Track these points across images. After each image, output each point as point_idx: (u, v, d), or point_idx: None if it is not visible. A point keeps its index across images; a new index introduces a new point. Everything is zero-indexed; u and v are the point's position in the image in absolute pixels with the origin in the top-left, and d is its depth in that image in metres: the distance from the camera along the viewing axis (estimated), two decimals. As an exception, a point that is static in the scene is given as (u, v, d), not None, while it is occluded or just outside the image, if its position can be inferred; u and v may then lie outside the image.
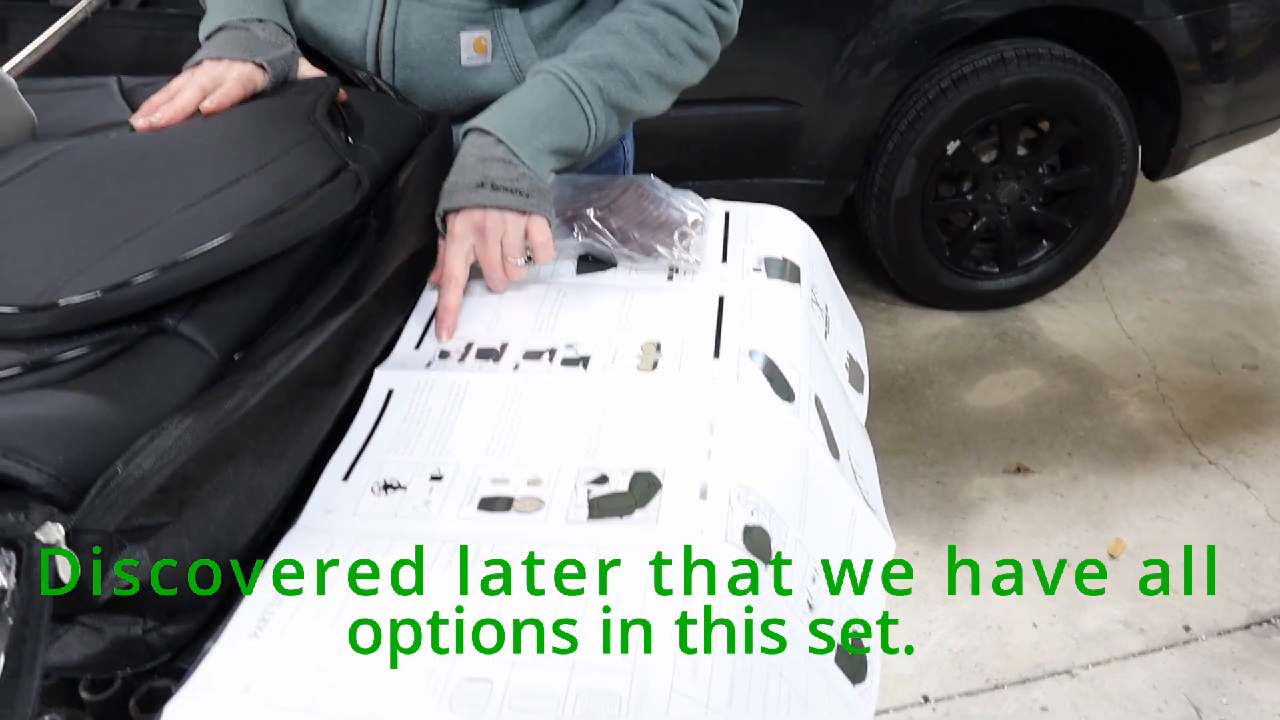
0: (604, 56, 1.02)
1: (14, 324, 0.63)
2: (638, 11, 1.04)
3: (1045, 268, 2.92)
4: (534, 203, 0.94)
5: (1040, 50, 2.62)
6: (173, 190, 0.75)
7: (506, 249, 0.92)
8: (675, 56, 1.05)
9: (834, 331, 1.00)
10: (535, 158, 0.97)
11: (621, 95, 1.03)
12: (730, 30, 1.10)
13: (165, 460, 0.59)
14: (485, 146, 0.96)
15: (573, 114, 1.00)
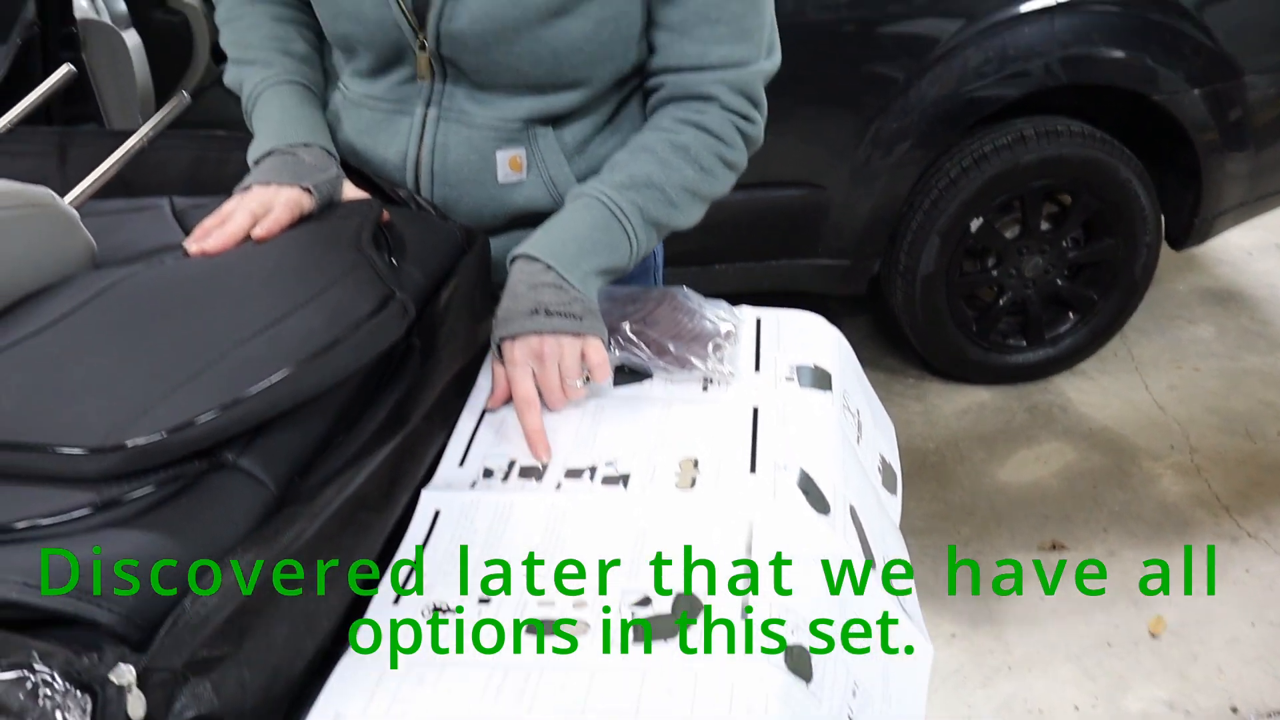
0: (641, 176, 1.06)
1: (83, 465, 0.66)
2: (669, 130, 1.08)
3: (1073, 340, 2.93)
4: (588, 325, 0.97)
5: (1059, 127, 2.66)
6: (229, 324, 0.78)
7: (564, 372, 0.95)
8: (708, 171, 1.09)
9: (866, 435, 1.02)
10: (584, 280, 1.00)
11: (660, 212, 1.06)
12: (757, 141, 1.14)
13: (228, 597, 0.62)
14: (535, 273, 0.99)
15: (616, 235, 1.04)
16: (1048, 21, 2.54)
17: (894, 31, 2.54)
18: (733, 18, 1.06)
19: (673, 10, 1.07)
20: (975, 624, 2.20)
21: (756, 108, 1.12)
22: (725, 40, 1.07)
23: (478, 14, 1.02)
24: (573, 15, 1.03)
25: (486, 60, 1.05)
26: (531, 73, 1.06)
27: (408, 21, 1.05)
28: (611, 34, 1.06)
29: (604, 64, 1.08)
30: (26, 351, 0.80)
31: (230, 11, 1.22)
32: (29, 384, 0.75)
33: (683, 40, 1.07)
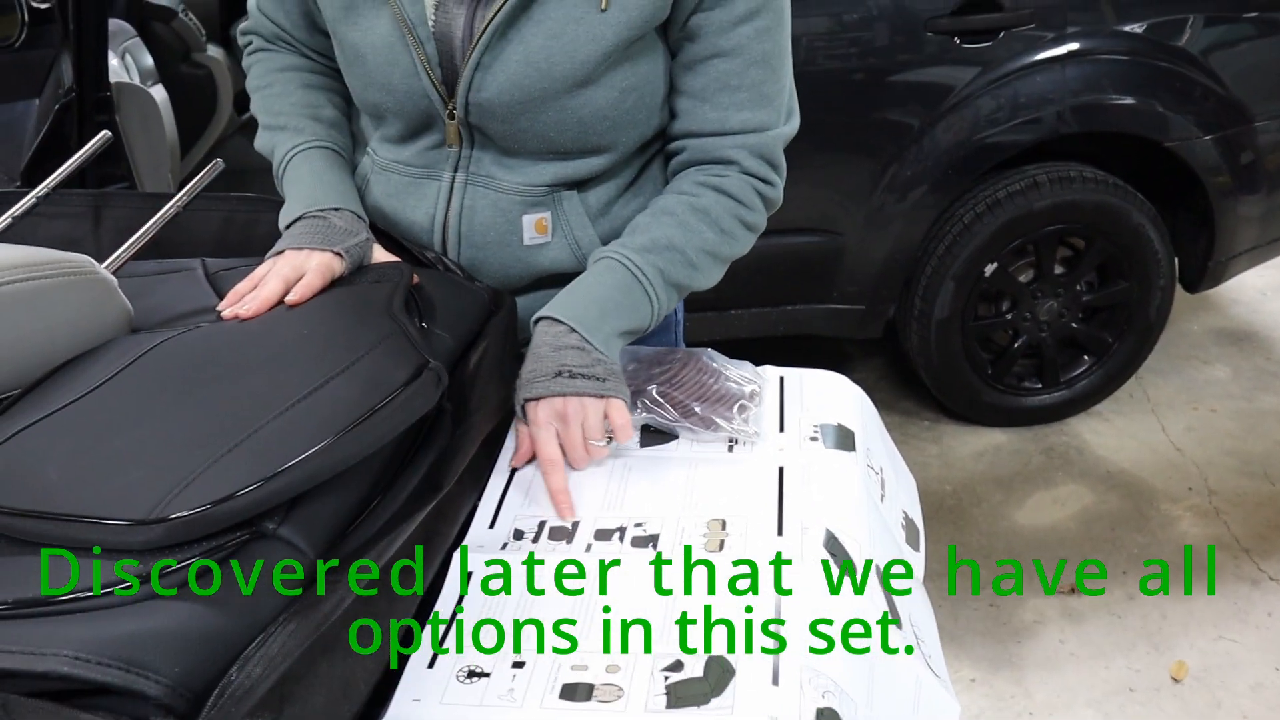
0: (662, 239, 1.08)
1: (127, 536, 0.67)
2: (690, 193, 1.11)
3: (1088, 382, 2.94)
4: (610, 386, 0.99)
5: (1072, 173, 2.68)
6: (267, 393, 0.80)
7: (588, 432, 0.97)
8: (727, 233, 1.11)
9: (889, 492, 1.03)
10: (606, 342, 1.02)
11: (680, 274, 1.09)
12: (776, 203, 1.16)
13: (272, 667, 0.63)
14: (559, 335, 1.01)
15: (637, 297, 1.06)
16: (1059, 70, 2.57)
17: (908, 80, 2.57)
18: (753, 84, 1.09)
19: (694, 77, 1.09)
20: (995, 668, 2.20)
21: (776, 171, 1.14)
22: (745, 106, 1.10)
23: (506, 85, 1.05)
24: (598, 85, 1.05)
25: (513, 128, 1.08)
26: (557, 140, 1.08)
27: (437, 92, 1.08)
28: (635, 102, 1.09)
29: (628, 130, 1.11)
30: (68, 419, 0.82)
31: (261, 79, 1.25)
32: (72, 453, 0.76)
33: (703, 106, 1.10)
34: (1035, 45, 2.56)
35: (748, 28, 1.06)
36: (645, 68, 1.08)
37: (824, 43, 2.51)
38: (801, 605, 0.79)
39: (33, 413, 0.83)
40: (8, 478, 0.74)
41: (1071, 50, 2.58)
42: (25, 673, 0.60)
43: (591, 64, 1.03)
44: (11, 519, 0.71)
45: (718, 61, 1.08)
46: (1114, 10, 2.59)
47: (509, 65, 1.04)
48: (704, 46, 1.07)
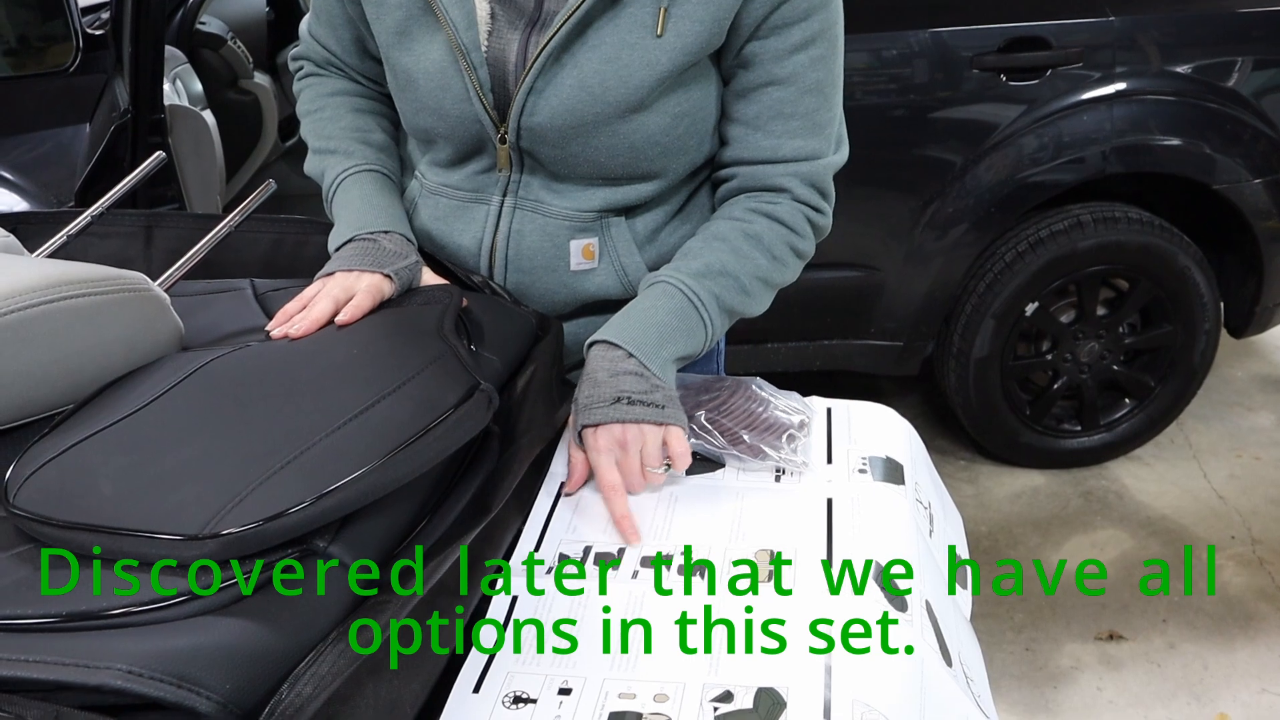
0: (716, 265, 1.08)
1: (181, 551, 0.67)
2: (742, 219, 1.11)
3: (1129, 426, 2.90)
4: (669, 414, 0.99)
5: (1117, 214, 2.66)
6: (318, 411, 0.80)
7: (646, 459, 0.96)
8: (779, 260, 1.11)
9: (937, 528, 1.01)
10: (663, 368, 1.02)
11: (734, 300, 1.08)
12: (825, 231, 1.16)
13: (322, 686, 0.63)
14: (616, 360, 1.01)
15: (693, 323, 1.05)
16: (1105, 109, 2.56)
17: (951, 116, 2.57)
18: (806, 113, 1.09)
19: (748, 105, 1.09)
20: (1031, 713, 2.16)
21: (826, 199, 1.14)
22: (798, 135, 1.09)
23: (558, 109, 1.05)
24: (651, 111, 1.05)
25: (565, 153, 1.08)
26: (608, 165, 1.09)
27: (489, 116, 1.08)
28: (687, 129, 1.09)
29: (679, 157, 1.11)
30: (121, 434, 0.82)
31: (312, 103, 1.26)
32: (126, 468, 0.77)
33: (756, 134, 1.10)
34: (1082, 84, 2.55)
35: (803, 56, 1.06)
36: (698, 94, 1.08)
37: (867, 78, 2.52)
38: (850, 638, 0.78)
39: (86, 428, 0.83)
40: (61, 491, 0.75)
41: (1119, 90, 2.56)
42: (79, 685, 0.60)
43: (646, 89, 1.03)
44: (63, 531, 0.71)
45: (772, 89, 1.08)
46: (1162, 51, 2.58)
47: (562, 90, 1.04)
48: (759, 74, 1.07)
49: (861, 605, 0.81)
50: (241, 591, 0.67)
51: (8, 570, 0.71)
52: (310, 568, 0.71)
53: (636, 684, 0.74)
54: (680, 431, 0.98)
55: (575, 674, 0.76)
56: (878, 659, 0.77)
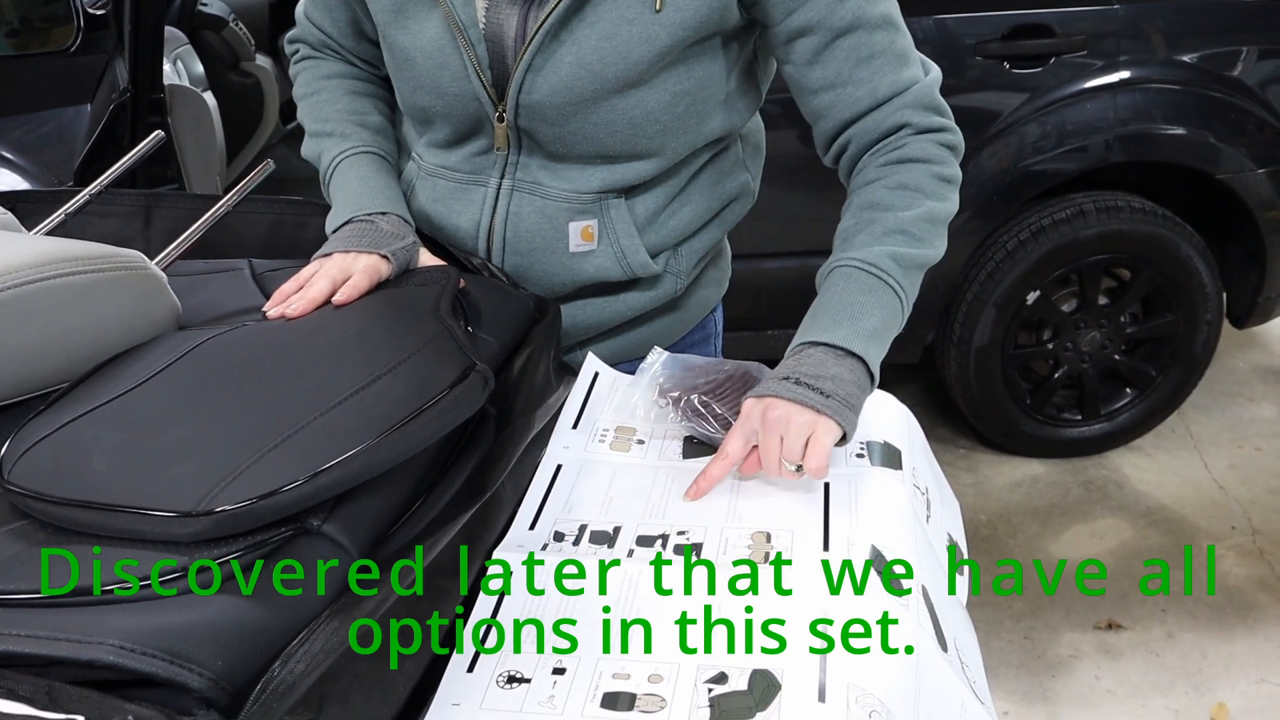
0: (878, 229, 1.04)
1: (173, 528, 0.67)
2: (879, 178, 1.07)
3: (1130, 415, 2.89)
4: (831, 405, 0.93)
5: (1119, 203, 2.66)
6: (313, 390, 0.80)
7: (786, 450, 0.92)
8: (933, 195, 1.07)
9: (935, 514, 1.01)
10: (857, 342, 0.97)
11: (911, 254, 1.04)
12: (960, 149, 1.11)
13: (315, 664, 0.62)
14: (802, 350, 0.97)
15: (880, 293, 1.01)
16: (1109, 98, 2.55)
17: (955, 103, 2.55)
18: (884, 49, 1.06)
19: (822, 69, 1.06)
20: (1029, 702, 2.16)
21: (944, 116, 1.11)
22: (887, 71, 1.06)
23: (556, 86, 1.04)
24: (649, 87, 1.05)
25: (563, 131, 1.07)
26: (607, 142, 1.08)
27: (488, 94, 1.08)
28: (688, 108, 1.08)
29: (678, 136, 1.10)
30: (115, 412, 0.82)
31: (308, 86, 1.25)
32: (119, 445, 0.76)
33: (847, 89, 1.07)
34: (1085, 73, 2.54)
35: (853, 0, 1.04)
36: (700, 73, 1.07)
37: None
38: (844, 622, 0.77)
39: (81, 405, 0.83)
40: (55, 468, 0.74)
41: (1122, 79, 2.55)
42: (71, 660, 0.59)
43: (644, 65, 1.03)
44: (57, 508, 0.71)
45: (842, 41, 1.05)
46: (1166, 39, 2.56)
47: (561, 66, 1.04)
48: (822, 35, 1.05)
49: (861, 601, 0.81)
50: (234, 572, 0.67)
51: (2, 546, 0.70)
52: (303, 548, 0.70)
53: (631, 664, 0.74)
54: (831, 431, 0.92)
55: (570, 653, 0.76)
56: (874, 644, 0.77)
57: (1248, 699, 2.15)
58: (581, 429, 1.01)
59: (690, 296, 1.26)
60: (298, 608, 0.66)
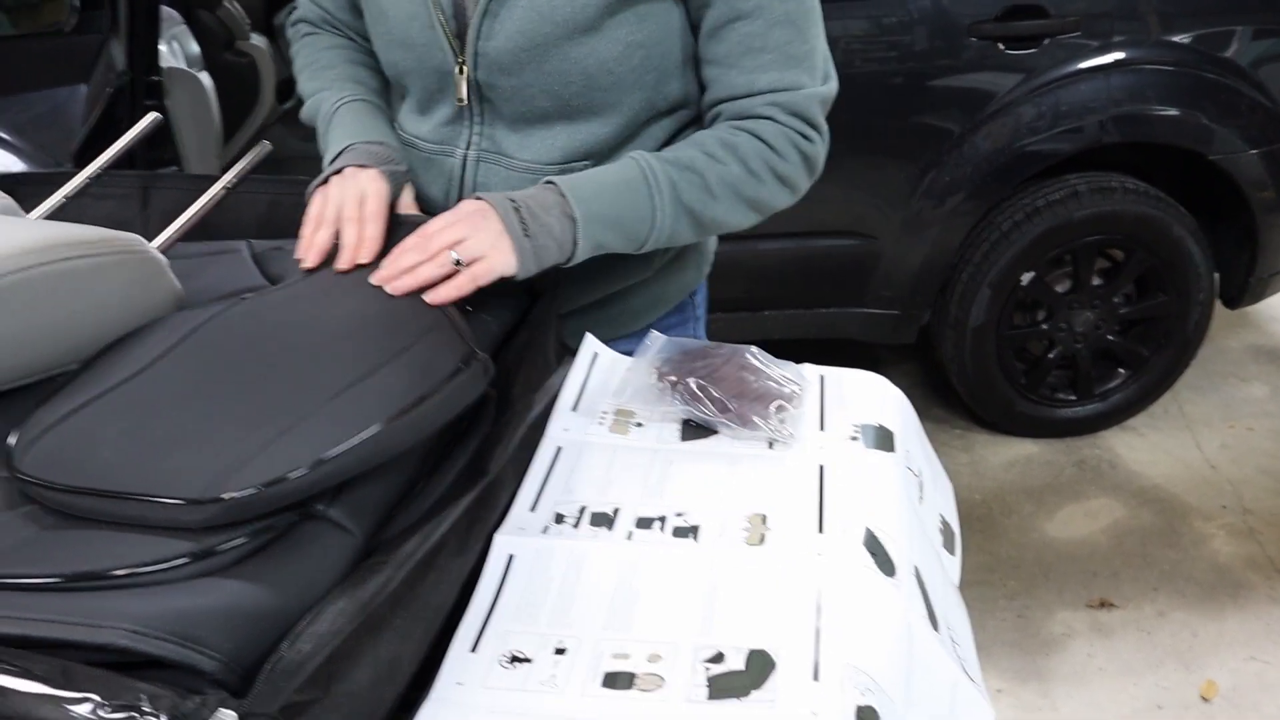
0: (684, 159, 1.09)
1: (182, 515, 0.68)
2: (721, 131, 1.11)
3: (1123, 395, 2.91)
4: (523, 244, 1.00)
5: (1113, 184, 2.67)
6: (316, 376, 0.81)
7: (463, 247, 0.97)
8: (755, 174, 1.10)
9: (927, 496, 1.03)
10: (589, 220, 1.03)
11: (694, 197, 1.08)
12: (815, 162, 1.14)
13: (322, 644, 0.64)
14: (546, 193, 1.04)
15: (639, 197, 1.06)
16: (1103, 79, 2.56)
17: (949, 85, 2.56)
18: (777, 46, 1.08)
19: (718, 44, 1.10)
20: (1023, 680, 2.19)
21: (814, 129, 1.12)
22: (772, 67, 1.09)
23: (512, 32, 1.07)
24: (600, 35, 1.07)
25: (519, 82, 1.10)
26: (562, 94, 1.10)
27: (450, 45, 1.11)
28: (641, 61, 1.09)
29: (634, 91, 1.11)
30: (121, 398, 0.83)
31: (308, 57, 1.29)
32: (126, 432, 0.77)
33: (730, 72, 1.10)
34: (1080, 53, 2.55)
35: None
36: (652, 26, 1.09)
37: (864, 46, 2.51)
38: (839, 601, 0.79)
39: (86, 392, 0.84)
40: (63, 456, 0.76)
41: (1116, 59, 2.56)
42: (85, 644, 0.61)
43: (592, 7, 1.05)
44: (67, 496, 0.72)
45: (739, 24, 1.08)
46: (1160, 20, 2.57)
47: (515, 12, 1.06)
48: (723, 10, 1.08)
49: (850, 570, 0.83)
50: (242, 554, 0.68)
51: (12, 529, 0.72)
52: (310, 531, 0.72)
53: (630, 644, 0.76)
54: (507, 264, 0.99)
55: (571, 634, 0.77)
56: (866, 623, 0.79)
57: (1237, 676, 2.18)
58: (581, 411, 1.02)
59: (666, 277, 1.27)
60: (305, 590, 0.68)
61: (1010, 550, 2.54)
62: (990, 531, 2.61)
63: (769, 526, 0.87)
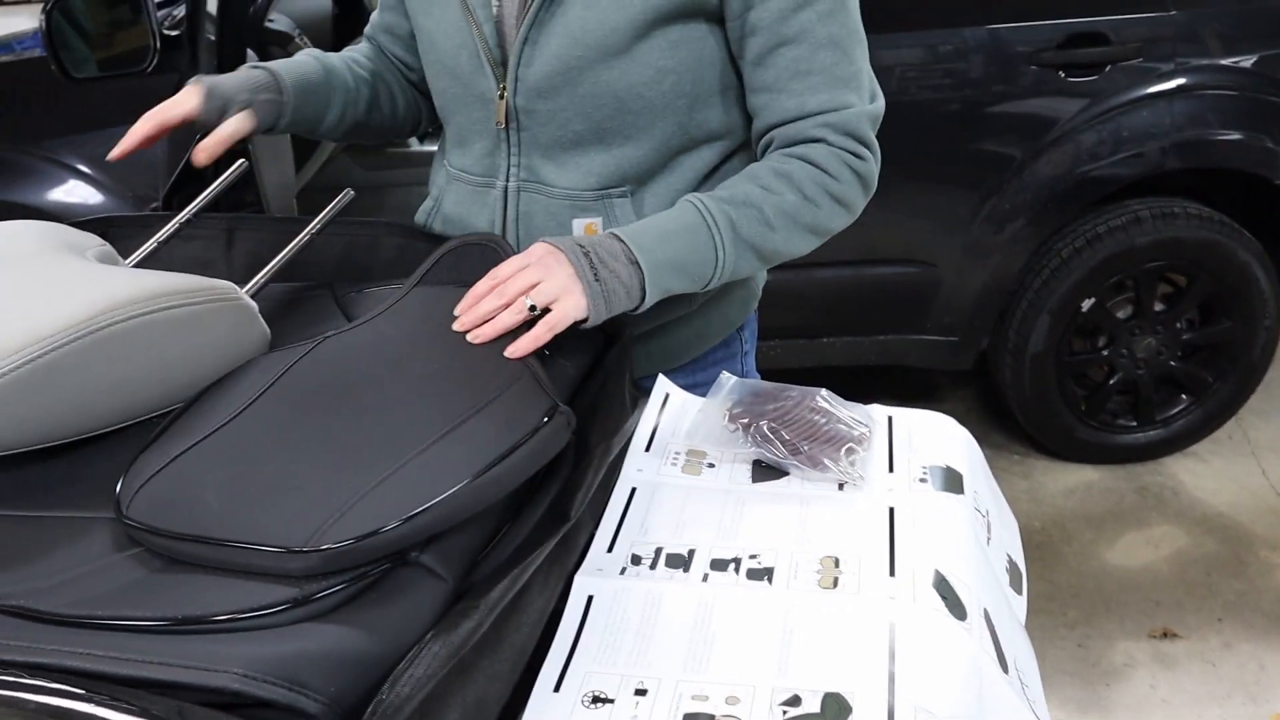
0: (740, 194, 1.11)
1: (284, 563, 0.72)
2: (774, 161, 1.13)
3: (1185, 422, 2.88)
4: (594, 289, 1.01)
5: (1176, 209, 2.65)
6: (407, 427, 0.84)
7: (536, 291, 0.99)
8: (811, 200, 1.12)
9: (995, 536, 1.04)
10: (655, 268, 1.05)
11: (754, 231, 1.10)
12: (869, 180, 1.16)
13: (418, 687, 0.67)
14: (611, 242, 1.05)
15: (700, 238, 1.08)
16: (1165, 104, 2.55)
17: (1010, 112, 2.57)
18: (824, 68, 1.11)
19: (765, 71, 1.12)
20: (1084, 710, 2.17)
21: (866, 147, 1.14)
22: (821, 89, 1.11)
23: (549, 57, 1.12)
24: (632, 59, 1.10)
25: (555, 106, 1.14)
26: (595, 116, 1.13)
27: (492, 71, 1.16)
28: (672, 86, 1.13)
29: (665, 116, 1.14)
30: (219, 443, 0.87)
31: None
32: (227, 480, 0.81)
33: (779, 97, 1.12)
34: (1141, 79, 2.54)
35: (808, 12, 1.09)
36: (685, 54, 1.12)
37: (926, 75, 2.53)
38: (912, 644, 0.81)
39: (186, 437, 0.88)
40: (169, 503, 0.79)
41: (1179, 85, 2.55)
42: (199, 686, 0.64)
43: (621, 31, 1.08)
44: (174, 542, 0.76)
45: (784, 50, 1.10)
46: (1222, 44, 2.55)
47: (552, 39, 1.11)
48: (767, 38, 1.10)
49: (922, 613, 0.84)
50: (339, 600, 0.71)
51: (122, 572, 0.76)
52: (404, 577, 0.75)
53: (709, 686, 0.78)
54: (579, 307, 1.00)
55: (650, 674, 0.80)
56: (938, 666, 0.80)
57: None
58: (654, 452, 1.05)
59: (711, 311, 1.29)
60: (400, 634, 0.71)
61: (1070, 578, 2.53)
62: (1050, 559, 2.59)
63: (841, 570, 0.89)
